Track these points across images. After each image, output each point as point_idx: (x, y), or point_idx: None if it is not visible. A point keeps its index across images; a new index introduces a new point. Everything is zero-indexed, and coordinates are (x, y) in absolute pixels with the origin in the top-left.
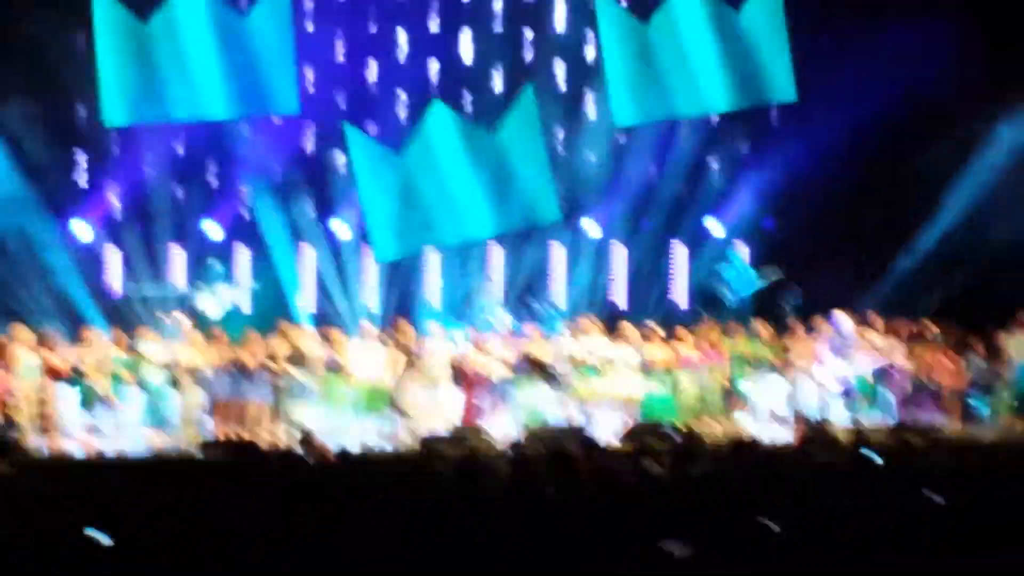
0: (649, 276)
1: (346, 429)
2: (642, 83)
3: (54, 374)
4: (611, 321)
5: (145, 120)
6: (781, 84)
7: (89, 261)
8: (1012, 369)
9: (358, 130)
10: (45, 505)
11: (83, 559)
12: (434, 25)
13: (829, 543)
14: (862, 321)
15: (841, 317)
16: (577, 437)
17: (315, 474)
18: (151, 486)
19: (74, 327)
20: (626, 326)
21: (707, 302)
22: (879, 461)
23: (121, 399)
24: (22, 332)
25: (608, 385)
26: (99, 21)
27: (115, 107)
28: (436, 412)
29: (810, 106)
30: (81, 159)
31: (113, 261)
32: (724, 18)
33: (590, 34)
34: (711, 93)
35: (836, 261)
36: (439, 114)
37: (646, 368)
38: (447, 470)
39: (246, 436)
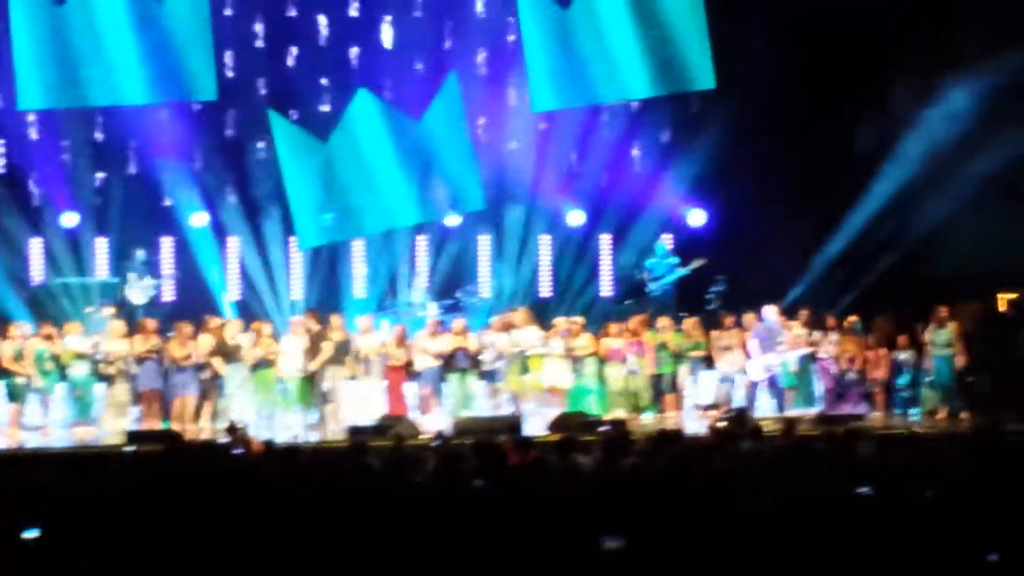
0: (574, 267)
1: (273, 421)
2: (561, 68)
3: None
4: (538, 312)
5: (60, 104)
6: (701, 71)
7: (11, 252)
8: (932, 361)
9: (282, 116)
10: None
11: (10, 553)
12: (354, 10)
13: (754, 534)
14: (788, 313)
15: (768, 310)
16: (505, 427)
17: (241, 465)
18: (76, 479)
19: None
20: (554, 318)
21: (633, 294)
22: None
23: (46, 392)
24: None
25: (535, 376)
26: (13, 2)
27: (30, 90)
28: (363, 403)
29: (731, 93)
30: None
31: (36, 251)
32: (644, 3)
33: (512, 20)
34: (630, 79)
35: (762, 252)
36: (364, 102)
37: (573, 360)
38: (374, 461)
39: (172, 427)
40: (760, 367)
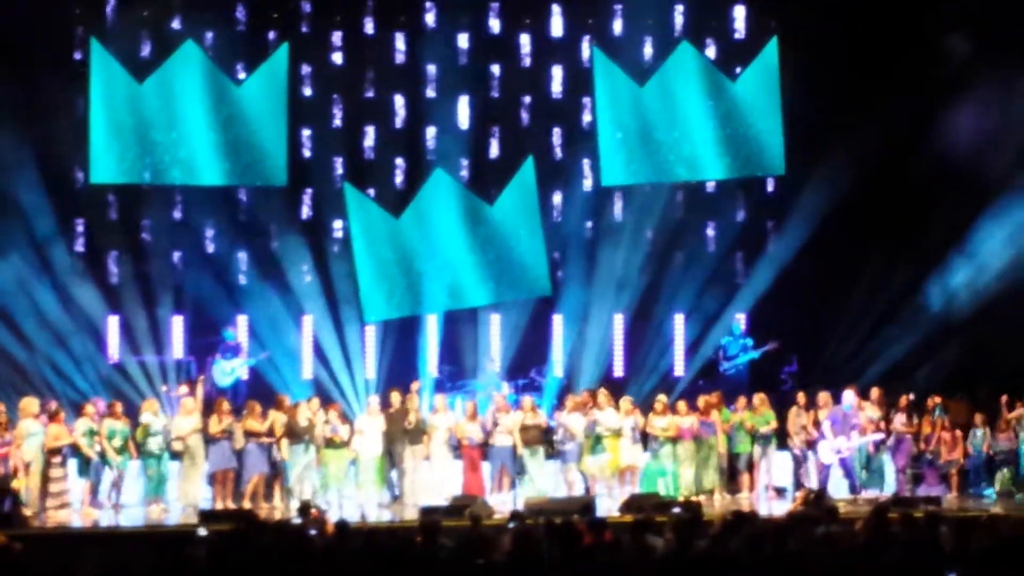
0: (648, 347)
1: (345, 500)
2: (632, 144)
3: (58, 442)
4: (610, 391)
5: (132, 180)
6: (771, 156)
7: (89, 331)
8: (1017, 444)
9: (356, 189)
10: None
11: None
12: (432, 90)
13: None
14: (862, 394)
15: (847, 394)
16: (578, 508)
17: (314, 545)
18: (152, 560)
19: (76, 398)
20: (625, 397)
21: (706, 373)
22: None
23: (121, 469)
24: (30, 404)
25: (609, 456)
26: (95, 75)
27: (104, 164)
28: (436, 483)
29: (804, 178)
30: (79, 225)
31: (113, 330)
32: (719, 86)
33: (587, 101)
34: (701, 160)
35: (836, 332)
36: (439, 181)
37: (646, 439)
38: (448, 542)
39: (245, 506)
40: (832, 450)
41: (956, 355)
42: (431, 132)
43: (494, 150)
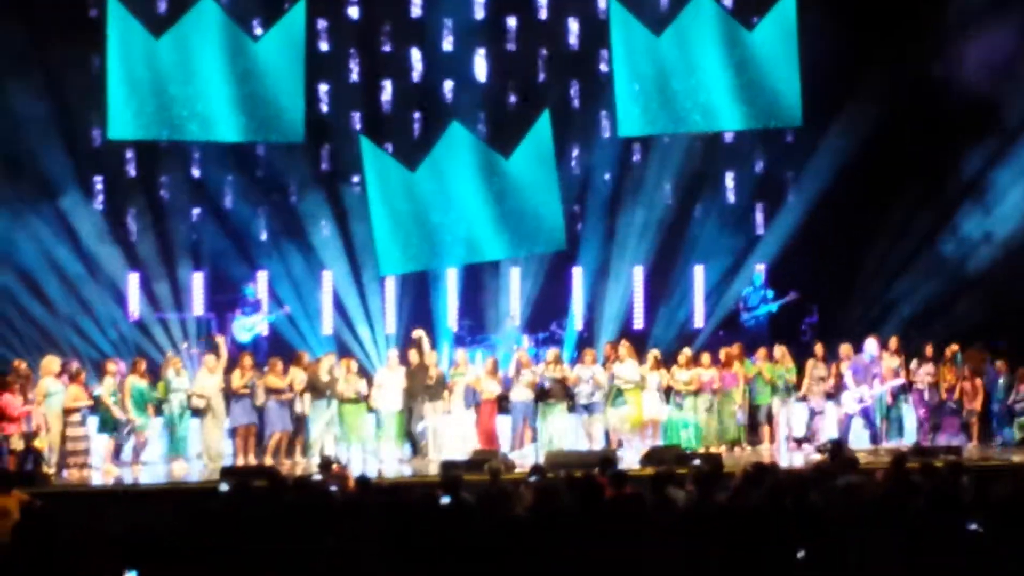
0: (669, 299)
1: (367, 456)
2: (649, 95)
3: (77, 403)
4: (631, 344)
5: (150, 136)
6: (789, 107)
7: (110, 288)
8: None
9: (373, 143)
10: (69, 535)
11: None
12: (448, 44)
13: (855, 569)
14: (883, 344)
15: (869, 343)
16: (599, 461)
17: (335, 500)
18: (174, 517)
19: (97, 356)
20: (653, 351)
21: (727, 324)
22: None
23: (142, 427)
24: (51, 362)
25: (630, 409)
26: (112, 30)
27: (121, 120)
28: (456, 438)
29: (823, 128)
30: (98, 183)
31: (133, 288)
32: (736, 36)
33: (604, 52)
34: (718, 111)
35: (857, 283)
36: (456, 134)
37: (667, 392)
38: (468, 496)
39: (267, 463)
40: (854, 399)
41: (975, 304)
42: (448, 86)
43: (511, 103)
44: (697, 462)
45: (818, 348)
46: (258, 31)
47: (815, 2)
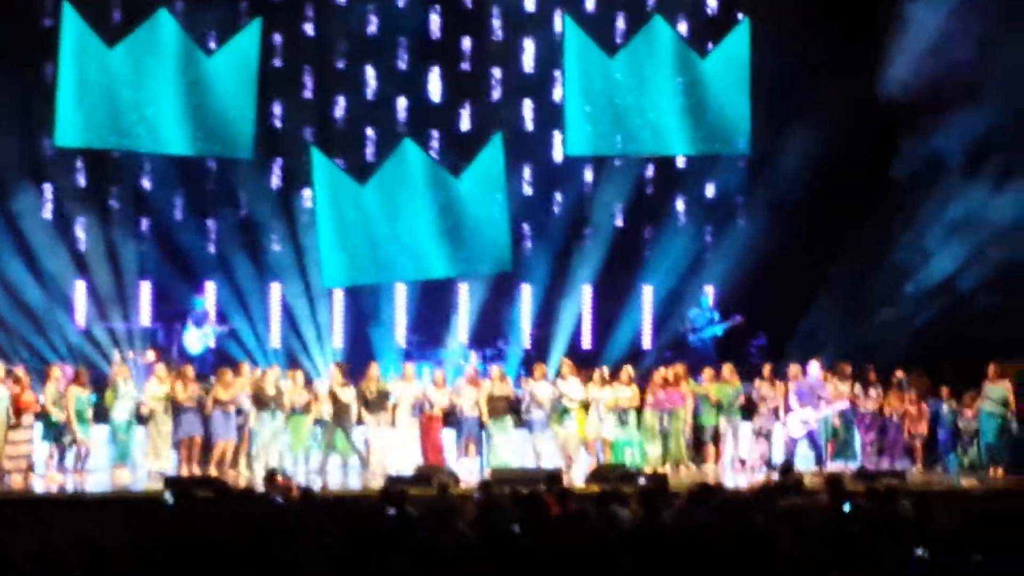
0: (616, 318)
1: (311, 468)
2: (599, 114)
3: (21, 410)
4: (578, 362)
5: (97, 145)
6: (737, 135)
7: (56, 296)
8: (979, 419)
9: (323, 154)
10: (8, 542)
11: None
12: (403, 62)
13: None
14: (830, 367)
15: (812, 365)
16: (544, 478)
17: (280, 512)
18: (119, 527)
19: (41, 363)
20: (595, 368)
21: (673, 345)
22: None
23: (86, 435)
24: None
25: (576, 427)
26: (65, 36)
27: (70, 128)
28: (401, 451)
29: (773, 153)
30: (47, 191)
31: (80, 296)
32: (689, 62)
33: (558, 74)
34: (666, 134)
35: (805, 305)
36: (407, 150)
37: (613, 410)
38: (412, 510)
39: (212, 473)
40: (800, 422)
41: (923, 328)
42: (402, 104)
43: (465, 123)
44: (642, 481)
45: (766, 369)
46: (213, 45)
47: (768, 26)
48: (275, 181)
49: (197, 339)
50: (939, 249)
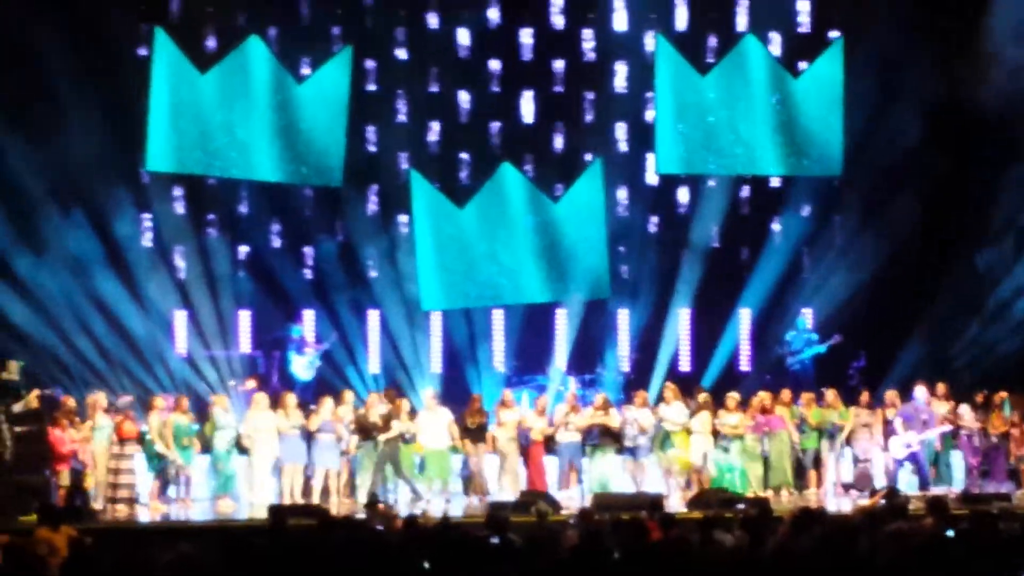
0: (713, 341)
1: (411, 496)
2: (690, 133)
3: (125, 439)
4: (677, 386)
5: (188, 170)
6: (830, 157)
7: (159, 325)
8: None
9: (422, 177)
10: (113, 572)
11: None
12: (496, 85)
13: None
14: (931, 390)
15: (919, 389)
16: (646, 504)
17: (382, 540)
18: (222, 555)
19: (144, 392)
20: (697, 393)
21: (772, 368)
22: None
23: (186, 463)
24: (99, 398)
25: (679, 452)
26: (157, 63)
27: (160, 152)
28: (503, 478)
29: (875, 176)
30: (147, 220)
31: (181, 325)
32: (781, 81)
33: (650, 95)
34: (758, 154)
35: (905, 328)
36: (506, 174)
37: (715, 435)
38: (515, 537)
39: (314, 502)
40: (903, 445)
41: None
42: (495, 127)
43: (558, 145)
44: (742, 506)
45: (863, 395)
46: (305, 70)
47: (864, 47)
48: (371, 207)
49: (303, 366)
50: None
